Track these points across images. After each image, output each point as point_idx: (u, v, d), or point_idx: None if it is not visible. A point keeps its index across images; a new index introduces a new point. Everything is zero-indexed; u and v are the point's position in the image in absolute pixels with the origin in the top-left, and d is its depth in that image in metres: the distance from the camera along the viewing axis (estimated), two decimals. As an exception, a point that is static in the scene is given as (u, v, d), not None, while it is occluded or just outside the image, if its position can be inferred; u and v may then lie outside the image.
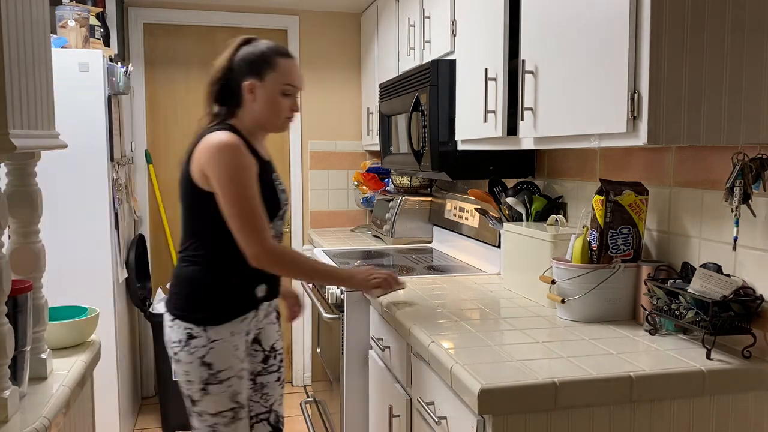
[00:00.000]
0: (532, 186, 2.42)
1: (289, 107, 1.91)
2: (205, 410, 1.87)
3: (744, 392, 1.46)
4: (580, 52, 1.58)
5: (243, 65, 1.88)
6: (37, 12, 1.44)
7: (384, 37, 3.51)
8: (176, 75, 4.01)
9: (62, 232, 2.94)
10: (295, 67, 1.92)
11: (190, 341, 1.84)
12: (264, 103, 1.88)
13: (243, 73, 1.88)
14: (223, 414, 1.87)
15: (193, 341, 1.83)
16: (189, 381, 1.86)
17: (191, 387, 1.86)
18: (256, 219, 1.78)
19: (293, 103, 1.92)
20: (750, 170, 1.43)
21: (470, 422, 1.42)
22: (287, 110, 1.91)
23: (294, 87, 1.91)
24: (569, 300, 1.80)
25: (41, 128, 1.45)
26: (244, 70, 1.88)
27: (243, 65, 1.88)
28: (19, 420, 1.27)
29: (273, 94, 1.88)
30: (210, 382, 1.84)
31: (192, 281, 1.87)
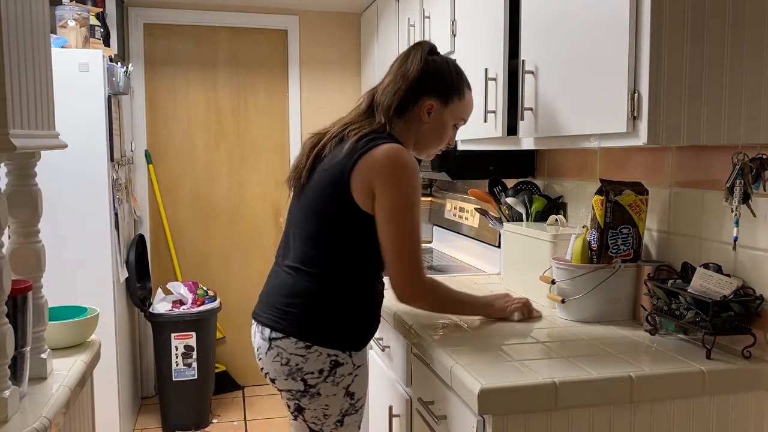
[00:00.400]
0: (532, 186, 2.42)
1: (449, 139, 1.79)
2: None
3: (744, 392, 1.46)
4: (580, 52, 1.58)
5: (432, 82, 1.69)
6: (37, 12, 1.44)
7: (384, 37, 3.51)
8: (176, 75, 4.01)
9: (62, 232, 2.94)
10: (472, 103, 1.79)
11: (335, 369, 1.62)
12: (434, 128, 1.73)
13: (427, 90, 1.69)
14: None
15: (338, 369, 1.62)
16: (326, 415, 1.66)
17: (327, 421, 1.67)
18: (418, 254, 1.63)
19: (453, 137, 1.81)
20: (750, 170, 1.43)
21: (470, 422, 1.41)
22: (447, 142, 1.79)
23: (464, 122, 1.79)
24: (569, 300, 1.80)
25: (41, 128, 1.45)
26: (428, 87, 1.69)
27: (432, 82, 1.69)
28: (19, 420, 1.27)
29: (447, 123, 1.74)
30: (349, 413, 1.68)
31: (341, 301, 1.64)
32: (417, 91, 1.68)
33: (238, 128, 4.12)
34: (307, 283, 1.63)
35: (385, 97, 1.69)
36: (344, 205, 1.60)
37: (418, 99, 1.69)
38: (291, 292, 1.65)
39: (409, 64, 1.69)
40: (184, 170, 4.06)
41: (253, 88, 4.11)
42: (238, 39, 4.07)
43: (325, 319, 1.62)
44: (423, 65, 1.68)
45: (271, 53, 4.13)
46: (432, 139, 1.75)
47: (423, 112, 1.70)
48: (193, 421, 3.52)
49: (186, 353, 3.44)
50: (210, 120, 4.08)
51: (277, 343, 1.63)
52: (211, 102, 4.07)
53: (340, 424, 1.68)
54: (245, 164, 4.13)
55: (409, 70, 1.68)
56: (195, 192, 4.09)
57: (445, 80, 1.70)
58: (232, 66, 4.08)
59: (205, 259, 4.11)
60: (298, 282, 1.64)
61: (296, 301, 1.63)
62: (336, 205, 1.62)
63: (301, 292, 1.63)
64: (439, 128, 1.73)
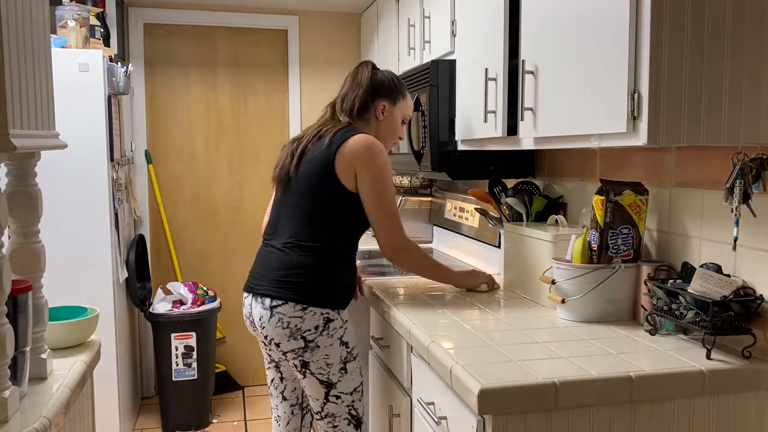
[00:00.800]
0: (532, 186, 2.42)
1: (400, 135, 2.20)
2: (342, 391, 1.99)
3: (744, 392, 1.46)
4: (580, 52, 1.58)
5: (379, 89, 2.11)
6: (37, 12, 1.44)
7: (384, 37, 3.51)
8: (176, 75, 4.01)
9: (62, 232, 2.94)
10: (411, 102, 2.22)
11: (328, 325, 1.94)
12: (388, 124, 2.14)
13: (378, 94, 2.11)
14: (357, 390, 2.02)
15: (331, 324, 1.94)
16: (328, 364, 1.95)
17: (331, 369, 1.96)
18: (398, 217, 2.02)
19: (403, 132, 2.22)
20: (750, 170, 1.43)
21: (470, 422, 1.42)
22: (399, 136, 2.20)
23: (409, 118, 2.22)
24: (569, 300, 1.80)
25: (41, 128, 1.45)
26: (381, 92, 2.11)
27: (379, 89, 2.11)
28: (19, 420, 1.27)
29: (397, 119, 2.16)
30: (348, 360, 1.99)
31: (330, 269, 1.98)
32: (371, 95, 2.10)
33: (238, 128, 4.12)
34: (300, 256, 1.96)
35: (346, 103, 2.10)
36: (332, 186, 1.96)
37: (373, 101, 2.10)
38: (286, 265, 1.96)
39: (360, 75, 2.12)
40: (184, 170, 4.06)
41: (253, 88, 4.12)
42: (238, 39, 4.07)
43: (316, 284, 1.95)
44: (372, 75, 2.12)
45: (271, 53, 4.13)
46: (387, 133, 2.14)
47: (378, 112, 2.11)
48: (193, 421, 3.52)
49: (186, 353, 3.44)
50: (210, 120, 4.08)
51: (277, 309, 1.93)
52: (211, 102, 4.07)
53: (345, 371, 1.98)
54: (245, 164, 4.13)
55: (362, 80, 2.11)
56: (195, 192, 4.09)
57: (390, 86, 2.13)
58: (232, 66, 4.08)
59: (205, 259, 4.11)
60: (292, 257, 1.97)
61: (292, 272, 1.95)
62: (325, 186, 1.96)
63: (295, 265, 1.96)
64: (392, 124, 2.15)
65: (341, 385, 1.97)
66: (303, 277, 1.94)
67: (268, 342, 1.97)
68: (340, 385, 1.97)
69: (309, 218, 1.98)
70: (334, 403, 1.99)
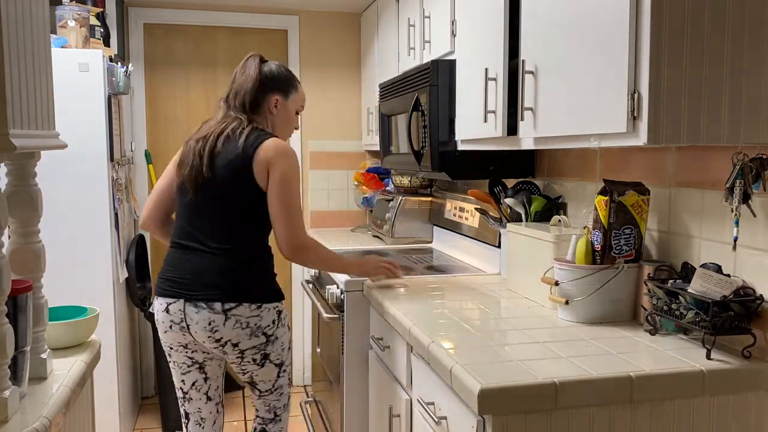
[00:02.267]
0: (532, 186, 2.42)
1: (295, 126, 2.26)
2: (287, 363, 2.18)
3: (744, 392, 1.47)
4: (580, 52, 1.58)
5: (271, 82, 2.15)
6: (37, 12, 1.44)
7: (384, 37, 3.52)
8: (176, 75, 4.01)
9: (62, 232, 2.94)
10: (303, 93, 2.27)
11: (280, 315, 2.09)
12: (283, 117, 2.19)
13: (270, 89, 2.15)
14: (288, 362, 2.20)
15: (281, 314, 2.10)
16: (284, 349, 2.13)
17: (284, 353, 2.14)
18: (301, 216, 2.07)
19: (297, 122, 2.27)
20: (750, 170, 1.43)
21: (470, 422, 1.42)
22: (294, 127, 2.26)
23: (302, 108, 2.26)
24: (572, 301, 1.79)
25: (41, 128, 1.45)
26: (270, 87, 2.15)
27: (271, 82, 2.15)
28: (19, 420, 1.27)
29: (291, 111, 2.21)
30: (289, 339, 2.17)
31: (263, 268, 2.09)
32: (262, 90, 2.13)
33: (238, 128, 4.11)
34: (241, 258, 2.03)
35: (237, 100, 2.13)
36: (251, 189, 2.02)
37: (264, 96, 2.14)
38: (228, 269, 2.02)
39: (248, 70, 2.15)
40: (184, 170, 4.05)
41: (253, 88, 4.11)
42: (238, 39, 4.07)
43: (262, 282, 2.07)
44: (260, 69, 2.15)
45: (271, 53, 4.12)
46: (281, 125, 2.20)
47: (271, 106, 2.16)
48: (193, 421, 3.52)
49: (186, 353, 3.44)
50: (210, 120, 4.07)
51: (233, 312, 1.99)
52: (211, 102, 4.07)
53: (289, 350, 2.18)
54: (245, 164, 4.13)
55: (250, 75, 2.13)
56: (195, 192, 4.08)
57: (281, 79, 2.17)
58: (232, 66, 4.04)
59: (205, 259, 4.10)
60: (231, 259, 2.02)
61: (237, 275, 2.02)
62: (246, 189, 2.02)
63: (237, 267, 2.02)
64: (286, 116, 2.20)
65: (287, 359, 2.17)
66: (249, 277, 2.03)
67: (223, 345, 2.02)
68: (287, 359, 2.17)
69: (234, 221, 2.04)
70: (282, 377, 2.17)
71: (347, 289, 2.42)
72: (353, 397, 2.46)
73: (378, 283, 2.33)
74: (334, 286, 2.56)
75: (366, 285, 2.37)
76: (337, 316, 2.49)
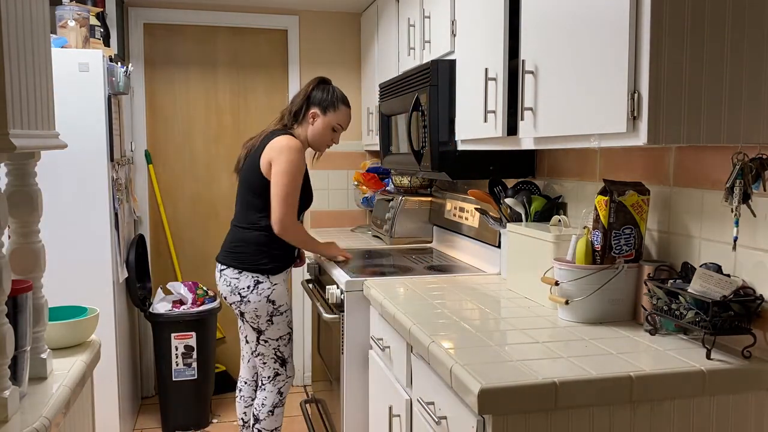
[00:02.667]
0: (532, 186, 2.42)
1: (330, 139, 2.74)
2: (270, 337, 2.65)
3: (744, 392, 1.46)
4: (580, 52, 1.58)
5: (316, 100, 2.68)
6: (37, 12, 1.44)
7: (384, 37, 3.51)
8: (176, 75, 4.01)
9: (62, 232, 2.94)
10: (347, 114, 2.74)
11: (258, 285, 2.58)
12: (319, 129, 2.69)
13: (314, 104, 2.68)
14: (282, 337, 2.67)
15: (259, 285, 2.58)
16: (258, 316, 2.61)
17: (260, 320, 2.62)
18: (292, 204, 2.54)
19: (336, 137, 2.76)
20: (750, 170, 1.43)
21: (470, 422, 1.42)
22: (329, 140, 2.74)
23: (341, 127, 2.73)
24: (572, 301, 1.79)
25: (41, 128, 1.45)
26: (315, 101, 2.68)
27: (316, 100, 2.68)
28: (19, 420, 1.27)
29: (327, 126, 2.69)
30: (274, 314, 2.62)
31: (258, 243, 2.59)
32: (307, 103, 2.69)
33: (238, 128, 4.12)
34: (242, 233, 2.63)
35: (289, 108, 2.73)
36: (259, 177, 2.56)
37: (308, 109, 2.69)
38: (232, 239, 2.66)
39: (305, 87, 2.72)
40: (184, 170, 4.06)
41: (253, 88, 4.12)
42: (238, 39, 4.07)
43: (249, 255, 2.60)
44: (311, 87, 2.70)
45: (271, 53, 4.13)
46: (318, 135, 2.70)
47: (310, 117, 2.68)
48: (193, 421, 3.52)
49: (186, 353, 3.44)
50: (210, 120, 4.08)
51: (224, 272, 2.64)
52: (211, 102, 4.08)
53: (271, 322, 2.63)
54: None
55: (302, 92, 2.71)
56: (195, 192, 4.09)
57: (324, 98, 2.68)
58: (232, 66, 4.08)
59: (205, 259, 4.11)
60: (236, 233, 2.66)
61: (235, 245, 2.63)
62: (255, 178, 2.58)
63: (237, 239, 2.64)
64: (322, 129, 2.70)
65: (268, 333, 2.63)
66: (239, 249, 2.61)
67: (223, 298, 2.67)
68: (268, 332, 2.63)
69: (245, 202, 2.63)
70: (263, 345, 2.65)
71: (347, 289, 2.42)
72: (353, 397, 2.46)
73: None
74: (334, 286, 2.56)
75: (366, 284, 2.37)
76: (337, 316, 2.49)
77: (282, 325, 2.64)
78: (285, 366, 2.69)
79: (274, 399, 2.70)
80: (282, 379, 2.70)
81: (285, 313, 2.65)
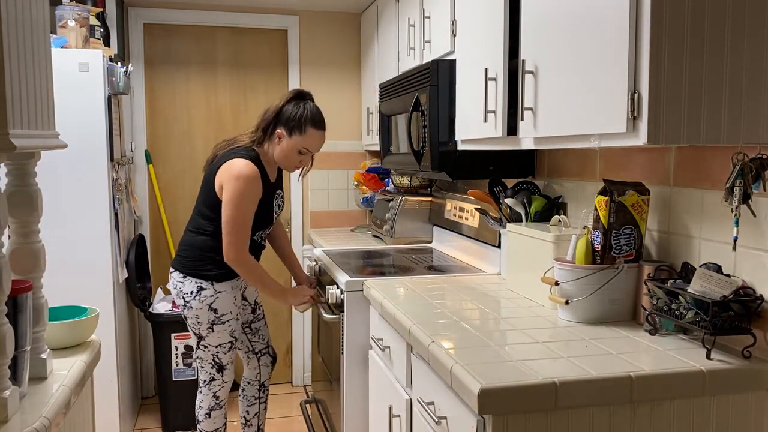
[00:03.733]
0: (532, 186, 2.42)
1: (299, 161, 2.54)
2: (210, 343, 2.57)
3: (744, 392, 1.46)
4: (581, 52, 1.58)
5: (284, 118, 2.49)
6: (37, 12, 1.44)
7: (384, 37, 3.51)
8: (176, 75, 4.01)
9: (62, 232, 2.94)
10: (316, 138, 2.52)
11: (200, 292, 2.51)
12: (284, 150, 2.50)
13: (281, 122, 2.49)
14: (222, 345, 2.59)
15: (202, 292, 2.51)
16: (199, 322, 2.53)
17: (201, 326, 2.54)
18: (241, 234, 2.42)
19: (305, 160, 2.56)
20: (750, 170, 1.43)
21: (470, 422, 1.42)
22: (296, 163, 2.54)
23: (308, 151, 2.52)
24: (572, 301, 1.79)
25: (41, 128, 1.45)
26: (282, 120, 2.49)
27: (284, 118, 2.49)
28: (19, 420, 1.27)
29: (292, 148, 2.49)
30: (216, 323, 2.53)
31: (202, 248, 2.51)
32: (275, 121, 2.50)
33: (238, 128, 4.11)
34: (190, 237, 2.56)
35: (260, 121, 2.54)
36: (210, 192, 2.49)
37: (275, 128, 2.50)
38: (182, 243, 2.60)
39: (279, 100, 2.54)
40: (184, 170, 4.06)
41: (253, 88, 4.12)
42: (238, 39, 4.07)
43: (194, 260, 2.52)
44: (282, 105, 2.50)
45: (271, 53, 4.13)
46: (282, 157, 2.52)
47: (276, 137, 2.50)
48: (193, 421, 3.51)
49: (186, 353, 3.44)
50: (210, 120, 4.08)
51: (172, 275, 2.59)
52: (211, 102, 4.07)
53: (211, 330, 2.55)
54: (245, 164, 4.13)
55: (274, 106, 2.52)
56: (195, 192, 4.05)
57: (293, 118, 2.48)
58: (232, 66, 4.08)
59: (205, 259, 4.10)
60: (187, 236, 2.59)
61: (183, 248, 2.57)
62: (208, 190, 2.50)
63: (185, 244, 2.58)
64: (287, 151, 2.50)
65: (208, 339, 2.56)
66: (186, 253, 2.55)
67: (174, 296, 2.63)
68: (207, 339, 2.56)
69: (198, 209, 2.57)
70: (202, 350, 2.59)
71: (347, 289, 2.42)
72: (353, 397, 2.46)
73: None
74: (334, 286, 2.56)
75: (366, 284, 2.37)
76: (337, 316, 2.49)
77: (223, 334, 2.55)
78: (222, 372, 2.63)
79: (210, 402, 2.66)
80: (218, 384, 2.64)
81: (228, 322, 2.54)
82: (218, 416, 2.69)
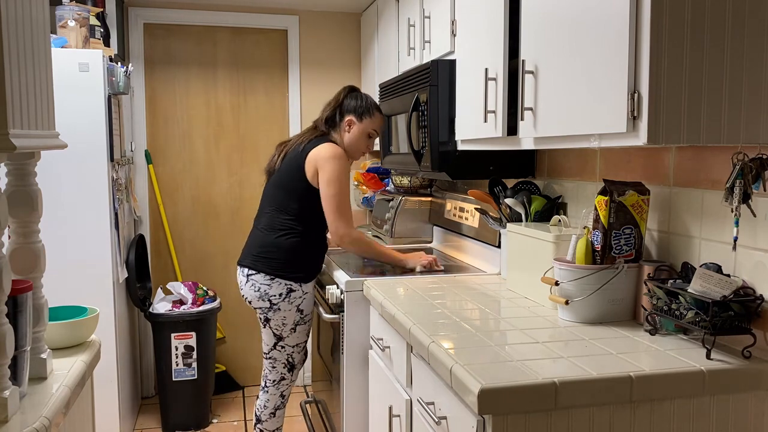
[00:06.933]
0: (532, 186, 2.42)
1: (366, 146, 2.68)
2: (288, 344, 2.64)
3: (744, 392, 1.46)
4: (581, 52, 1.58)
5: (350, 107, 2.64)
6: (37, 12, 1.44)
7: (384, 37, 3.51)
8: (176, 75, 4.01)
9: (62, 232, 2.94)
10: (381, 121, 2.71)
11: (290, 294, 2.55)
12: (355, 136, 2.64)
13: (348, 111, 2.64)
14: (299, 345, 2.67)
15: (292, 294, 2.55)
16: (284, 324, 2.59)
17: (285, 328, 2.60)
18: (347, 209, 2.52)
19: (371, 144, 2.70)
20: (750, 170, 1.43)
21: (470, 422, 1.42)
22: (364, 147, 2.68)
23: (376, 133, 2.69)
24: (572, 301, 1.79)
25: (41, 128, 1.45)
26: (350, 109, 2.64)
27: (350, 107, 2.64)
28: (19, 420, 1.27)
29: (362, 132, 2.64)
30: (300, 323, 2.61)
31: (295, 250, 2.55)
32: (341, 111, 2.65)
33: (238, 128, 4.12)
34: (275, 238, 2.56)
35: (322, 115, 2.68)
36: (300, 182, 2.53)
37: (342, 116, 2.64)
38: (262, 243, 2.58)
39: (336, 96, 2.69)
40: (184, 170, 4.06)
41: (253, 88, 4.12)
42: (238, 39, 4.07)
43: (283, 262, 2.54)
44: (343, 96, 2.67)
45: (271, 53, 4.13)
46: (354, 141, 2.64)
47: (345, 125, 2.64)
48: (193, 421, 3.52)
49: (186, 353, 3.44)
50: (210, 120, 4.08)
51: (252, 278, 2.56)
52: (211, 102, 4.07)
53: (294, 330, 2.62)
54: (245, 164, 4.13)
55: (333, 101, 2.68)
56: (195, 192, 4.09)
57: (360, 106, 2.64)
58: (232, 66, 4.08)
59: (205, 259, 4.11)
60: (267, 237, 2.57)
61: (265, 250, 2.56)
62: (295, 182, 2.54)
63: (268, 244, 2.56)
64: (358, 135, 2.64)
65: (288, 340, 2.62)
66: (272, 255, 2.54)
67: (246, 301, 2.62)
68: (288, 339, 2.61)
69: (281, 206, 2.57)
70: (278, 351, 2.64)
71: (347, 289, 2.42)
72: (353, 397, 2.46)
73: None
74: (334, 286, 2.56)
75: (366, 284, 2.37)
76: (337, 316, 2.49)
77: (302, 334, 2.64)
78: (292, 371, 2.70)
79: (277, 401, 2.72)
80: (286, 383, 2.71)
81: (309, 322, 2.65)
82: (281, 415, 2.76)
